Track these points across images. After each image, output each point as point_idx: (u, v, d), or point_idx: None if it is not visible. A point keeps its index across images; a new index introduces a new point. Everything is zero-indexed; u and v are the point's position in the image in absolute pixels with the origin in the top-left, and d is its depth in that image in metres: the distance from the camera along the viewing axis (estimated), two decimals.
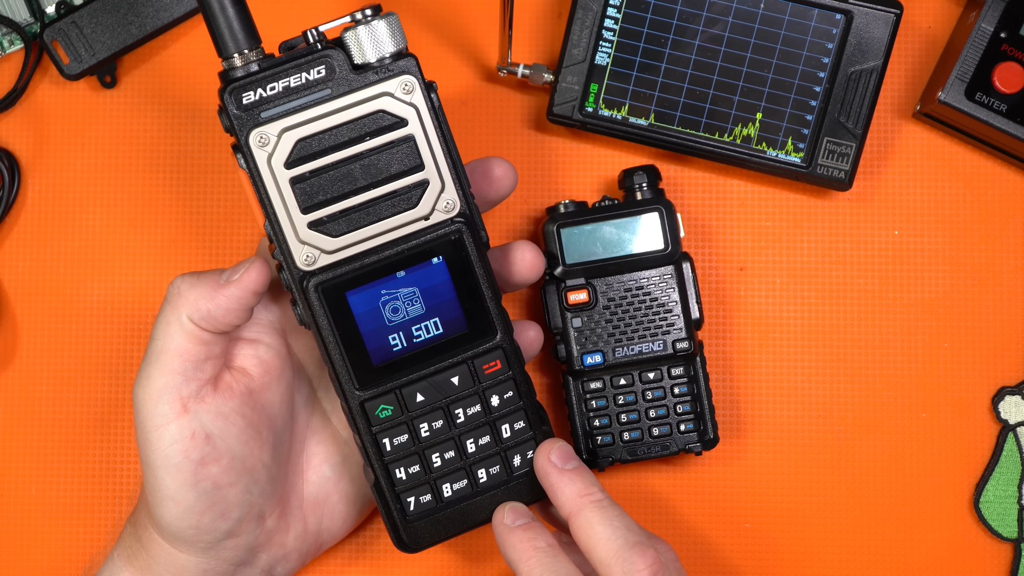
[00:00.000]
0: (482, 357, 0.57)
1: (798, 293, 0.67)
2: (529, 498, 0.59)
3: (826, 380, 0.67)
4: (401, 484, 0.58)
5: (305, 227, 0.54)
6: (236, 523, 0.58)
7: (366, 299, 0.55)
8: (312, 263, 0.54)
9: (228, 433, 0.57)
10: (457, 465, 0.58)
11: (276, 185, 0.54)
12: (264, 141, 0.53)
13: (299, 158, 0.53)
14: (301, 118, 0.53)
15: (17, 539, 0.67)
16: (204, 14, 0.53)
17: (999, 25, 0.64)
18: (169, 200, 0.68)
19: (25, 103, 0.68)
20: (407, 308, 0.56)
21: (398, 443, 0.57)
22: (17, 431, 0.67)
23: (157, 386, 0.56)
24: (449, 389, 0.57)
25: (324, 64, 0.53)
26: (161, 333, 0.56)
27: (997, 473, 0.66)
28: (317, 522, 0.62)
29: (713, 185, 0.67)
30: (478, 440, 0.58)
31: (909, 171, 0.68)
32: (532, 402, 0.58)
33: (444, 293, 0.56)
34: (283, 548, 0.61)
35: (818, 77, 0.64)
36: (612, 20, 0.65)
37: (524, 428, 0.58)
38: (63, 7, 0.66)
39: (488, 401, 0.58)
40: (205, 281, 0.56)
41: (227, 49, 0.53)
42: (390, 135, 0.54)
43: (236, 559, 0.59)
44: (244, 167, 0.53)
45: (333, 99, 0.53)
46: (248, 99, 0.53)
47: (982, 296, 0.67)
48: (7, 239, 0.68)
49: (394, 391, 0.57)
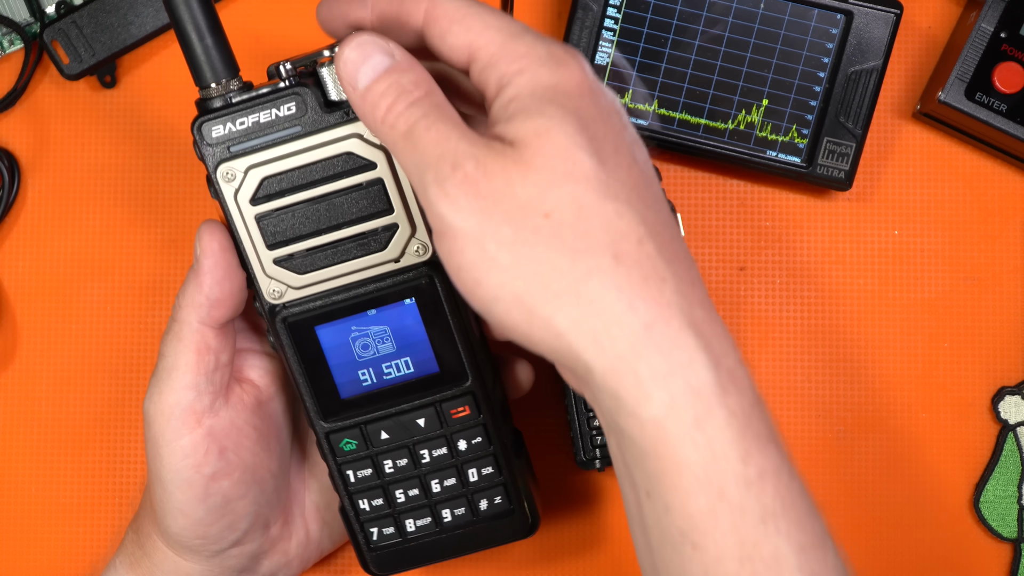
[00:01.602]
0: (451, 401, 0.56)
1: (798, 293, 0.67)
2: (495, 541, 0.58)
3: (826, 380, 0.67)
4: (365, 515, 0.58)
5: (271, 262, 0.54)
6: (243, 533, 0.58)
7: (335, 334, 0.55)
8: (279, 297, 0.54)
9: (241, 446, 0.57)
10: (422, 502, 0.57)
11: (242, 219, 0.53)
12: (231, 176, 0.53)
13: (264, 196, 0.53)
14: (268, 156, 0.52)
15: (17, 540, 0.67)
16: (181, 43, 0.53)
17: (999, 25, 0.64)
18: (169, 200, 0.68)
19: (25, 103, 0.68)
20: (377, 345, 0.55)
21: (362, 476, 0.57)
22: (17, 431, 0.67)
23: (169, 402, 0.55)
24: (415, 429, 0.56)
25: (294, 101, 0.52)
26: (171, 349, 0.55)
27: (997, 473, 0.66)
28: (318, 529, 0.62)
29: (713, 185, 0.67)
30: (443, 481, 0.57)
31: (909, 171, 0.68)
32: (505, 445, 0.57)
33: (415, 334, 0.55)
34: (285, 555, 0.61)
35: (818, 77, 0.64)
36: (612, 20, 0.65)
37: (493, 473, 0.57)
38: (63, 7, 0.66)
39: (455, 444, 0.57)
40: (189, 280, 0.55)
41: (204, 78, 0.53)
42: (357, 178, 0.53)
43: (239, 566, 0.59)
44: (214, 197, 0.53)
45: (301, 137, 0.52)
46: (217, 133, 0.52)
47: (982, 296, 0.67)
48: (7, 239, 0.68)
49: (359, 426, 0.56)
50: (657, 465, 0.44)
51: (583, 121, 0.45)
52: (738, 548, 0.44)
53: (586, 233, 0.44)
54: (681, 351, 0.44)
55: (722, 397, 0.44)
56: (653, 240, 0.45)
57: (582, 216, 0.44)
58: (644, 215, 0.45)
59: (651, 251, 0.45)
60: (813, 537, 0.45)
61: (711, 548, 0.44)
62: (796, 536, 0.44)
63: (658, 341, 0.44)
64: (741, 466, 0.44)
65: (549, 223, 0.44)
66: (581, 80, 0.47)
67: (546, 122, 0.45)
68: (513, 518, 0.58)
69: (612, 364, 0.44)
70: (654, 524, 0.45)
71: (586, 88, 0.47)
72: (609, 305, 0.44)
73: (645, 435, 0.44)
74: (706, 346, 0.44)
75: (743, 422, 0.44)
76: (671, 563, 0.45)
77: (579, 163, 0.45)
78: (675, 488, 0.44)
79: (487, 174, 0.45)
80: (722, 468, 0.44)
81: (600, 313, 0.44)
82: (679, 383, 0.44)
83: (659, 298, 0.44)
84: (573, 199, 0.44)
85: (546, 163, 0.45)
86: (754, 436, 0.44)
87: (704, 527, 0.44)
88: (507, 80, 0.46)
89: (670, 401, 0.44)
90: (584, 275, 0.44)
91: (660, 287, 0.44)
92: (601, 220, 0.45)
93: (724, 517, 0.44)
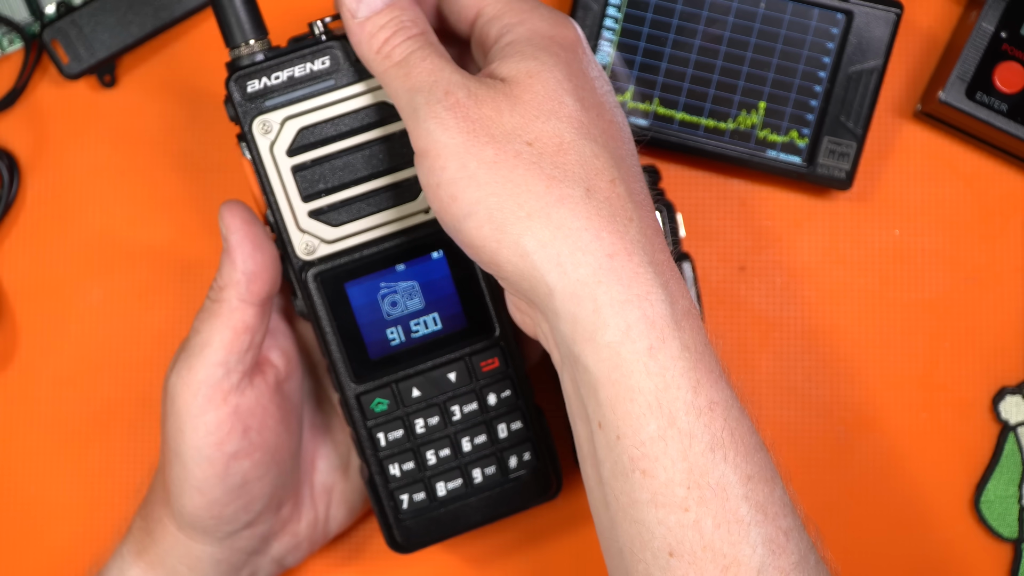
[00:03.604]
0: (480, 354, 0.57)
1: (798, 293, 0.67)
2: (522, 504, 0.59)
3: (826, 380, 0.67)
4: (395, 481, 0.58)
5: (306, 216, 0.55)
6: (257, 514, 0.58)
7: (365, 291, 0.56)
8: (312, 252, 0.55)
9: (264, 426, 0.57)
10: (452, 464, 0.58)
11: (278, 173, 0.54)
12: (267, 129, 0.54)
13: (301, 146, 0.54)
14: (304, 107, 0.54)
15: (17, 539, 0.67)
16: (212, 4, 0.54)
17: (999, 25, 0.64)
18: (169, 200, 0.68)
19: (25, 103, 0.68)
20: (406, 302, 0.56)
21: (393, 439, 0.57)
22: (17, 431, 0.67)
23: (199, 378, 0.55)
24: (446, 385, 0.57)
25: (328, 55, 0.54)
26: (206, 326, 0.55)
27: (997, 473, 0.66)
28: (326, 510, 0.62)
29: (713, 185, 0.67)
30: (474, 439, 0.58)
31: (909, 171, 0.68)
32: (531, 403, 0.58)
33: (443, 288, 0.56)
34: (295, 537, 0.61)
35: (819, 77, 0.64)
36: (612, 20, 0.65)
37: (521, 429, 0.58)
38: (63, 7, 0.66)
39: (485, 399, 0.57)
40: (223, 262, 0.55)
41: (234, 39, 0.54)
42: (391, 127, 0.54)
43: (251, 548, 0.60)
44: (247, 156, 0.54)
45: (336, 89, 0.54)
46: (253, 88, 0.53)
47: (982, 296, 0.67)
48: (7, 239, 0.68)
49: (390, 385, 0.57)
50: (610, 392, 0.46)
51: (572, 71, 0.49)
52: (686, 475, 0.45)
53: (564, 164, 0.47)
54: (640, 284, 0.46)
55: (676, 331, 0.46)
56: (624, 184, 0.48)
57: (561, 149, 0.47)
58: (618, 161, 0.48)
59: (621, 192, 0.47)
60: (760, 470, 0.47)
61: (660, 474, 0.45)
62: (743, 466, 0.46)
63: (619, 272, 0.46)
64: (692, 395, 0.46)
65: (530, 150, 0.47)
66: (575, 39, 0.51)
67: (538, 65, 0.48)
68: (539, 478, 0.59)
69: (573, 288, 0.46)
70: (606, 455, 0.47)
71: (580, 47, 0.51)
72: (576, 231, 0.46)
73: (600, 361, 0.46)
74: (664, 284, 0.47)
75: (695, 355, 0.46)
76: (621, 493, 0.47)
77: (564, 104, 0.48)
78: (627, 415, 0.46)
79: (477, 102, 0.48)
80: (673, 396, 0.45)
81: (567, 237, 0.46)
82: (635, 312, 0.46)
83: (624, 234, 0.47)
84: (555, 133, 0.47)
85: (534, 99, 0.48)
86: (706, 369, 0.46)
87: (654, 453, 0.45)
88: (507, 29, 0.50)
89: (626, 328, 0.46)
90: (557, 201, 0.46)
91: (626, 225, 0.47)
92: (578, 156, 0.47)
93: (674, 443, 0.45)
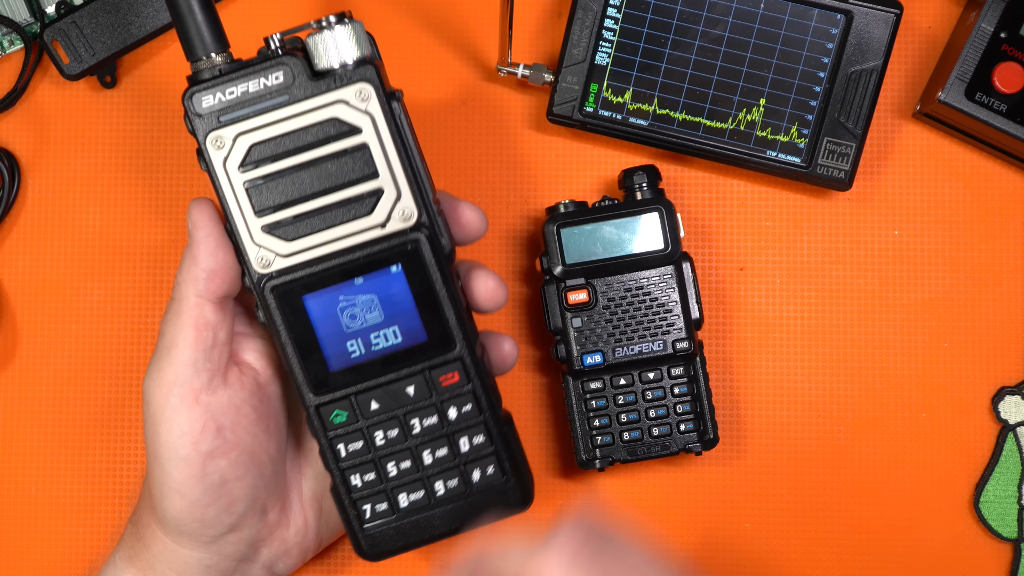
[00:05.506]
0: (439, 369, 0.56)
1: (798, 293, 0.67)
2: (490, 515, 0.58)
3: (826, 380, 0.67)
4: (356, 491, 0.58)
5: (259, 230, 0.54)
6: (240, 517, 0.58)
7: (323, 304, 0.55)
8: (268, 265, 0.55)
9: (239, 425, 0.57)
10: (414, 476, 0.57)
11: (231, 187, 0.54)
12: (220, 144, 0.54)
13: (253, 162, 0.54)
14: (256, 123, 0.54)
15: (17, 539, 0.67)
16: (173, 17, 0.54)
17: (999, 25, 0.64)
18: (169, 200, 0.68)
19: (25, 103, 0.68)
20: (365, 315, 0.56)
21: (353, 449, 0.57)
22: (17, 431, 0.67)
23: (168, 378, 0.56)
24: (404, 399, 0.57)
25: (282, 71, 0.53)
26: (170, 327, 0.56)
27: (997, 473, 0.66)
28: (315, 517, 0.62)
29: (713, 185, 0.67)
30: (435, 452, 0.57)
31: (909, 171, 0.68)
32: (496, 416, 0.57)
33: (402, 302, 0.56)
34: (284, 543, 0.61)
35: (818, 77, 0.64)
36: (612, 20, 0.65)
37: (484, 443, 0.57)
38: (63, 7, 0.66)
39: (445, 413, 0.57)
40: (185, 257, 0.56)
41: (195, 52, 0.54)
42: (343, 143, 0.54)
43: (238, 554, 0.59)
44: (204, 169, 0.54)
45: (289, 105, 0.54)
46: (207, 103, 0.54)
47: (982, 296, 0.67)
48: (7, 239, 0.68)
49: (349, 397, 0.56)
50: None
51: None
52: None
53: None
54: None
55: None
56: None
57: None
58: None
59: None
60: None
61: None
62: None
63: None
64: None
65: None
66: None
67: None
68: (506, 491, 0.58)
69: None
70: None
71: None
72: None
73: None
74: None
75: None
76: None
77: None
78: None
79: None
80: None
81: None
82: None
83: None
84: None
85: None
86: None
87: None
88: None
89: None
90: None
91: None
92: None
93: None
